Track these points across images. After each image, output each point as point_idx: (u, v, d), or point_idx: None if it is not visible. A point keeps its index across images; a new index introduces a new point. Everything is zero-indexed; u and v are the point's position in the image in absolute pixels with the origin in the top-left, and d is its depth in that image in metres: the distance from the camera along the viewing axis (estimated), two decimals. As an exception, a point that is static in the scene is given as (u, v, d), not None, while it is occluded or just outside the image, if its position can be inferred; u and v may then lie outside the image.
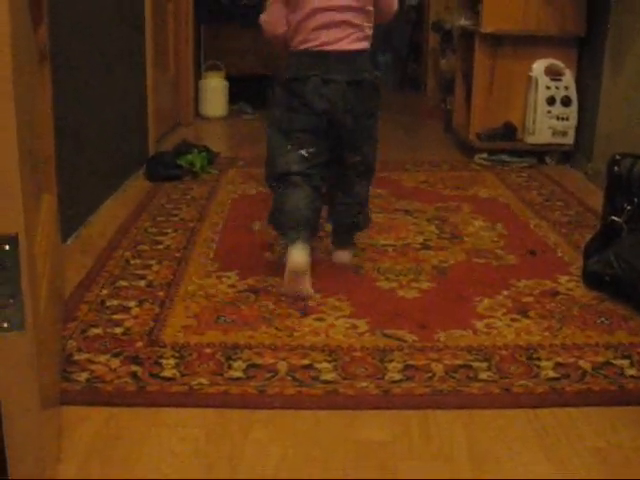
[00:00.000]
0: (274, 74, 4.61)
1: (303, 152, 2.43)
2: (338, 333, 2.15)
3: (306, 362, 1.98)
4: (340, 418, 1.76)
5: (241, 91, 5.68)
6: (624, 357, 2.04)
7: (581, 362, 2.01)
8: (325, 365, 1.96)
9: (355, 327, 2.18)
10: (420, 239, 2.93)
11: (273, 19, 2.50)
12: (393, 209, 3.31)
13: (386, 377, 1.91)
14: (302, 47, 2.43)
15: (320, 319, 2.23)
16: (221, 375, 1.90)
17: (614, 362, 2.01)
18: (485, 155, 4.23)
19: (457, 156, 4.41)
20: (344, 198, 2.61)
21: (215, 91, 5.51)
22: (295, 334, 2.13)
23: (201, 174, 3.81)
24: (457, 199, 3.49)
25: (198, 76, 5.50)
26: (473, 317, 2.26)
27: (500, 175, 3.97)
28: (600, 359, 2.03)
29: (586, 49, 4.10)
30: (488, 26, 4.08)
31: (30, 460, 1.36)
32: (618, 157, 2.53)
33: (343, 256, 2.67)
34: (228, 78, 5.55)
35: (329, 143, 2.46)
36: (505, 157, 4.20)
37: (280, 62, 2.76)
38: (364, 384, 1.88)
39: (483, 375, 1.93)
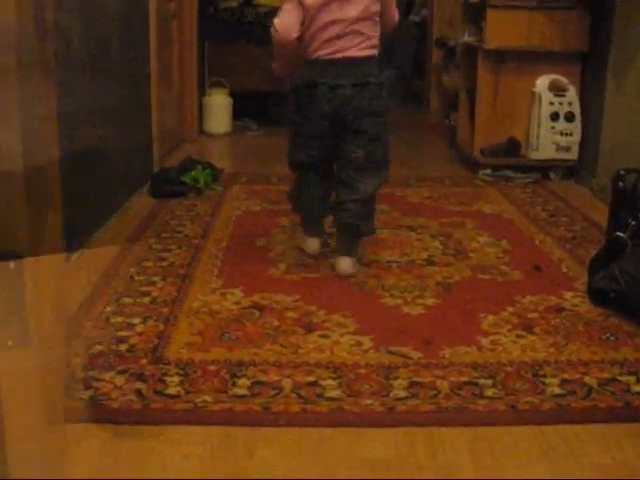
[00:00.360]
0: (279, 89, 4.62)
1: (310, 152, 2.72)
2: (343, 350, 2.14)
3: (311, 379, 1.97)
4: (345, 435, 1.75)
5: (245, 108, 5.69)
6: (630, 373, 2.03)
7: (587, 378, 2.00)
8: (330, 382, 1.96)
9: (360, 344, 2.18)
10: (424, 255, 2.93)
11: (289, 23, 2.57)
12: (397, 225, 3.31)
13: (391, 394, 1.91)
14: (314, 56, 2.61)
15: (325, 336, 2.23)
16: (225, 392, 1.90)
17: (620, 378, 2.00)
18: (489, 171, 4.23)
19: (461, 172, 4.41)
20: (347, 195, 2.67)
21: (219, 108, 5.52)
22: (300, 351, 2.13)
23: (205, 190, 3.81)
24: (461, 215, 3.49)
25: (202, 93, 5.52)
26: (478, 333, 2.25)
27: (504, 191, 3.97)
28: (606, 375, 2.02)
29: (589, 65, 4.11)
30: (491, 42, 4.09)
31: (34, 477, 1.35)
32: (623, 172, 2.53)
33: (345, 263, 2.68)
34: (232, 95, 5.57)
35: (334, 141, 2.68)
36: (509, 173, 4.20)
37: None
38: (369, 401, 1.88)
39: (488, 392, 1.92)
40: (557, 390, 1.94)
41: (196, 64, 5.27)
